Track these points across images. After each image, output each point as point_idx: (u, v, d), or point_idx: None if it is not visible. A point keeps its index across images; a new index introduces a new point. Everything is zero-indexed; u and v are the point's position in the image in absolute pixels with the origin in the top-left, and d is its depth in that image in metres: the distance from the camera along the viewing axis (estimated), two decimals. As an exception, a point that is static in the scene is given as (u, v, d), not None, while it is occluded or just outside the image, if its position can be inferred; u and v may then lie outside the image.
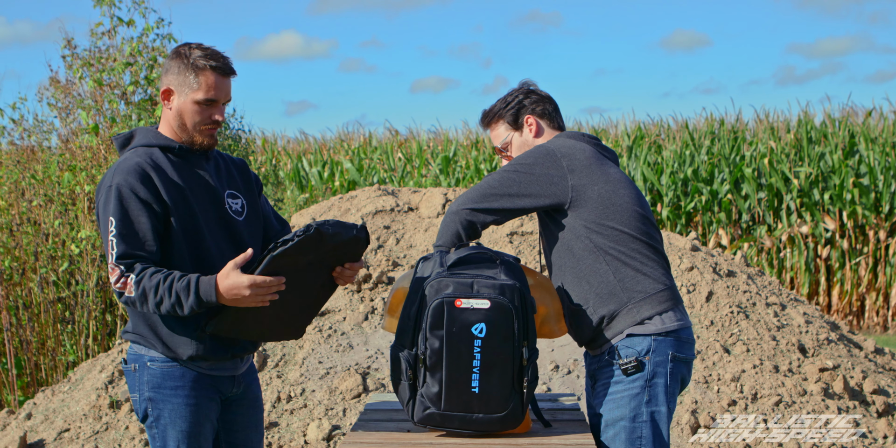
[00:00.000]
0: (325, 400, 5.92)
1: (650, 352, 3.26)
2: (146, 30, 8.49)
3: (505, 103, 3.56)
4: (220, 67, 3.18)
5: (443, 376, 3.13)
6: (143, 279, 3.01)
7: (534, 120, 3.53)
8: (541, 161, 3.31)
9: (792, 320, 6.84)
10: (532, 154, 3.35)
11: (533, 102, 3.55)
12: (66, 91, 8.79)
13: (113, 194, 3.07)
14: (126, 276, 3.04)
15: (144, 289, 3.01)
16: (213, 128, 3.24)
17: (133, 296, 3.03)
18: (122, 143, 3.29)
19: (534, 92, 3.58)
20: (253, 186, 3.46)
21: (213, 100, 3.19)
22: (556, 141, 3.41)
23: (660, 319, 3.29)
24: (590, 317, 3.32)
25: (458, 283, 3.12)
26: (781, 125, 16.07)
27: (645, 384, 3.27)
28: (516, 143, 3.55)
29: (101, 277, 8.07)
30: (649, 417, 3.27)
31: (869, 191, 13.43)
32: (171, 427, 3.22)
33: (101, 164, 8.23)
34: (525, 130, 3.54)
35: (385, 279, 6.69)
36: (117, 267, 3.04)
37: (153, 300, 3.02)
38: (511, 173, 3.32)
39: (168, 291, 3.00)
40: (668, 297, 3.33)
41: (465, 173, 15.60)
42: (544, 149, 3.35)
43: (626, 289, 3.29)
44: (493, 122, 3.59)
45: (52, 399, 6.50)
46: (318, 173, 16.03)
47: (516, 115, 3.54)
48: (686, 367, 3.36)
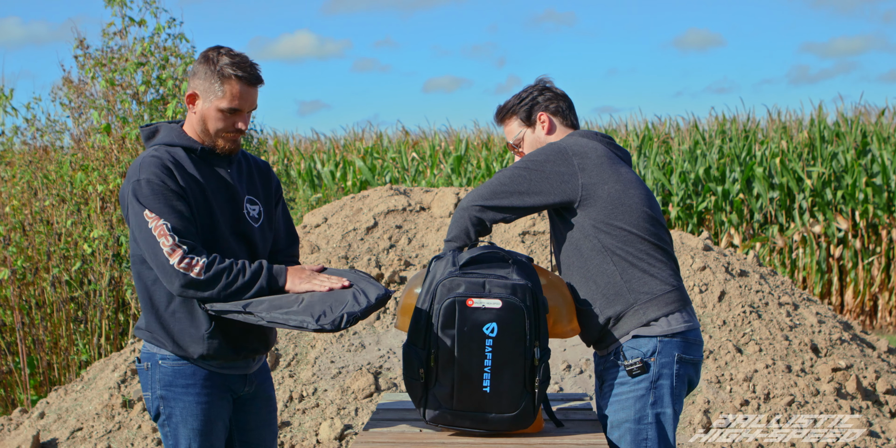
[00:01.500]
0: (337, 399, 5.93)
1: (656, 353, 3.25)
2: (157, 30, 8.52)
3: (519, 99, 3.55)
4: (246, 77, 3.16)
5: (454, 375, 3.13)
6: (213, 262, 3.04)
7: (547, 117, 3.51)
8: (552, 158, 3.30)
9: (805, 320, 6.82)
10: (543, 151, 3.34)
11: (547, 99, 3.53)
12: (78, 91, 8.82)
13: (146, 187, 3.07)
14: (191, 258, 3.04)
15: (217, 271, 3.04)
16: (237, 135, 3.24)
17: (201, 277, 3.04)
18: (148, 135, 3.30)
19: (549, 89, 3.56)
20: (272, 194, 3.45)
21: (237, 109, 3.18)
22: (568, 139, 3.40)
23: (666, 321, 3.27)
24: (596, 317, 3.32)
25: (470, 282, 3.12)
26: (794, 124, 16.02)
27: (650, 386, 3.25)
28: (528, 140, 3.53)
29: (114, 277, 8.09)
30: (654, 419, 3.26)
31: (881, 190, 13.38)
32: (183, 425, 3.23)
33: (114, 164, 8.25)
34: (538, 127, 3.52)
35: (397, 279, 6.69)
36: (179, 247, 3.03)
37: (225, 281, 3.05)
38: (522, 170, 3.31)
39: (242, 272, 3.06)
40: (675, 298, 3.31)
41: (477, 173, 15.59)
42: (556, 146, 3.34)
43: (633, 290, 3.28)
44: (507, 118, 3.58)
45: (65, 398, 6.52)
46: (331, 173, 16.04)
47: (529, 111, 3.52)
48: (693, 369, 3.34)
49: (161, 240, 3.03)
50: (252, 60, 3.21)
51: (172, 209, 3.06)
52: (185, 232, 3.06)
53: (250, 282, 3.07)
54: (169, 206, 3.06)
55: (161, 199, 3.06)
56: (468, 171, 15.84)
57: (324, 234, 7.18)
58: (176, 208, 3.07)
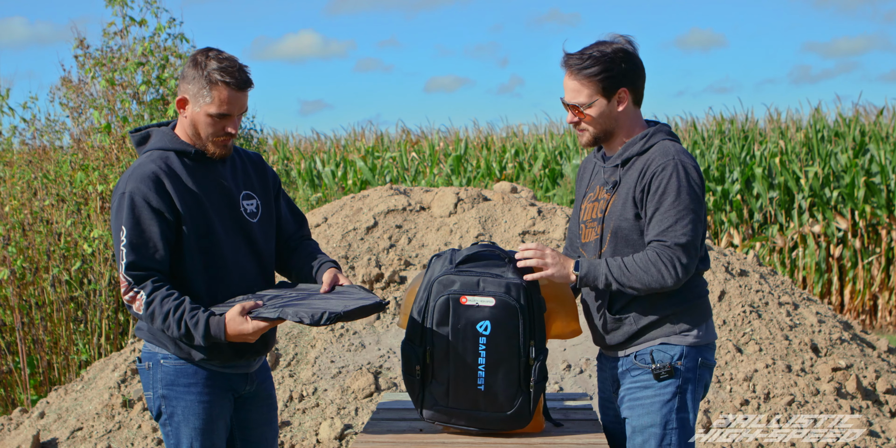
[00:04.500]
0: (337, 399, 5.93)
1: (683, 357, 3.21)
2: (158, 29, 8.51)
3: (608, 64, 3.19)
4: (234, 83, 3.14)
5: (449, 373, 3.14)
6: (153, 301, 3.06)
7: (626, 94, 3.23)
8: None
9: (804, 320, 6.82)
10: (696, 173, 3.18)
11: (632, 72, 3.23)
12: (78, 91, 8.81)
13: (126, 202, 3.09)
14: (135, 292, 3.07)
15: (154, 312, 3.06)
16: (227, 139, 3.23)
17: (141, 314, 3.09)
18: (139, 140, 3.30)
19: (634, 58, 3.25)
20: (269, 184, 3.45)
21: (227, 114, 3.18)
22: (683, 152, 3.22)
23: (699, 330, 3.24)
24: (628, 321, 3.25)
25: (465, 280, 3.12)
26: (792, 124, 16.02)
27: (676, 390, 3.21)
28: (599, 111, 3.23)
29: (114, 277, 8.08)
30: (679, 424, 3.22)
31: (880, 190, 13.38)
32: (185, 424, 3.23)
33: (113, 164, 8.25)
34: (614, 101, 3.23)
35: (397, 278, 6.69)
36: (125, 279, 3.07)
37: (160, 325, 3.08)
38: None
39: (178, 323, 3.06)
40: (707, 307, 3.29)
41: (477, 172, 15.59)
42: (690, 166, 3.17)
43: (681, 295, 3.22)
44: (581, 79, 3.22)
45: (65, 398, 6.52)
46: (332, 172, 16.04)
47: (613, 83, 3.21)
48: (710, 374, 3.32)
49: (120, 262, 3.10)
50: (241, 64, 3.19)
51: (140, 230, 3.08)
52: (140, 258, 3.08)
53: (185, 335, 3.09)
54: (138, 226, 3.08)
55: (135, 216, 3.09)
56: (468, 170, 15.83)
57: (324, 233, 7.18)
58: (146, 229, 3.09)
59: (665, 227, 3.10)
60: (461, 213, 7.16)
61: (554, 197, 14.10)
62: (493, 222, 7.07)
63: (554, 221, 7.07)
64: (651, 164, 3.16)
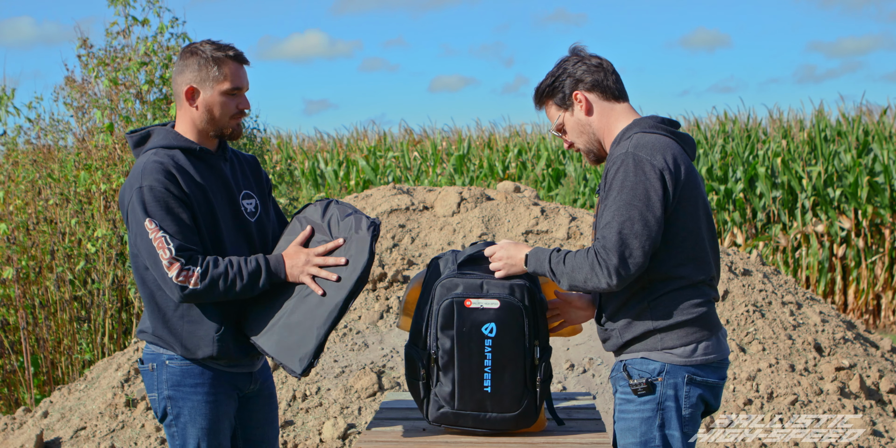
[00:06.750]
0: (340, 398, 5.93)
1: (663, 373, 2.99)
2: (161, 29, 8.51)
3: (551, 79, 3.14)
4: (237, 55, 3.25)
5: (455, 376, 3.13)
6: (208, 270, 3.09)
7: (583, 96, 3.10)
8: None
9: (808, 319, 6.82)
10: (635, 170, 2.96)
11: (580, 74, 3.10)
12: (81, 90, 8.82)
13: (147, 195, 3.09)
14: (188, 270, 3.08)
15: (213, 278, 3.08)
16: (241, 116, 3.29)
17: (199, 287, 3.08)
18: (137, 141, 3.29)
19: (581, 60, 3.13)
20: (264, 185, 3.48)
21: (239, 87, 3.24)
22: (645, 139, 3.02)
23: (686, 348, 3.01)
24: (614, 334, 3.08)
25: (468, 282, 3.11)
26: (795, 124, 16.01)
27: (656, 407, 3.00)
28: (571, 125, 3.14)
29: (117, 276, 8.09)
30: (662, 442, 3.01)
31: (884, 189, 13.37)
32: (192, 424, 3.23)
33: (117, 164, 8.26)
34: (576, 109, 3.12)
35: (400, 278, 6.69)
36: (176, 260, 3.07)
37: (223, 286, 3.10)
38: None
39: (239, 275, 3.11)
40: (703, 324, 3.04)
41: (479, 172, 15.60)
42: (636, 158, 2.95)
43: (657, 310, 3.02)
44: (543, 104, 3.18)
45: (69, 397, 6.52)
46: (334, 172, 16.04)
47: (563, 92, 3.12)
48: (710, 391, 3.05)
49: (160, 252, 3.07)
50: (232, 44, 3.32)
51: (173, 218, 3.09)
52: (185, 241, 3.09)
53: (249, 284, 3.14)
54: (170, 214, 3.09)
55: (162, 206, 3.08)
56: (470, 170, 15.84)
57: (327, 233, 7.18)
58: (177, 216, 3.10)
59: (602, 225, 2.93)
60: (464, 212, 7.16)
61: (557, 196, 14.11)
62: (497, 222, 7.07)
63: (557, 221, 7.07)
64: (609, 161, 3.02)
